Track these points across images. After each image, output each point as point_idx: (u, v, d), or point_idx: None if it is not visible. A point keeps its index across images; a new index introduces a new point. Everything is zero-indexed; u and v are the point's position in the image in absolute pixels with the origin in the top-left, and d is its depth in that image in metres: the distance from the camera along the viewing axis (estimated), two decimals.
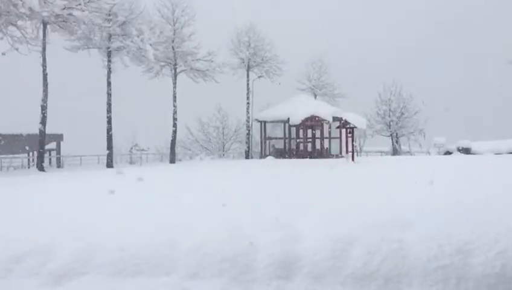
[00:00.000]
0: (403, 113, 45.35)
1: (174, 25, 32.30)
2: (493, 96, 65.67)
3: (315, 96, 44.11)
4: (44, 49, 24.17)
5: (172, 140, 33.49)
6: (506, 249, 4.61)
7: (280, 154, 33.74)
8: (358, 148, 42.89)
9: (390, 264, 4.67)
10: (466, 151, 38.65)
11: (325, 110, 32.93)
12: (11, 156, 29.74)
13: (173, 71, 33.07)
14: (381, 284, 4.55)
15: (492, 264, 4.50)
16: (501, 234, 4.84)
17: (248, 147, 37.87)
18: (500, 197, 7.19)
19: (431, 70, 77.00)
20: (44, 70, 24.47)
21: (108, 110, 28.35)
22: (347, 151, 26.01)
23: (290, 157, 32.03)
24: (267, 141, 36.28)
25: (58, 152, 32.42)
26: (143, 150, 40.91)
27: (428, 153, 43.80)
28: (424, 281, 4.50)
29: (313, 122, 32.23)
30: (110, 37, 27.39)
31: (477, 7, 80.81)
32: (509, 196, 7.39)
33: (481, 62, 75.89)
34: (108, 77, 28.33)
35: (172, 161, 32.97)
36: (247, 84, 37.86)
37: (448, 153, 39.79)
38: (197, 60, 33.26)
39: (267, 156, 33.74)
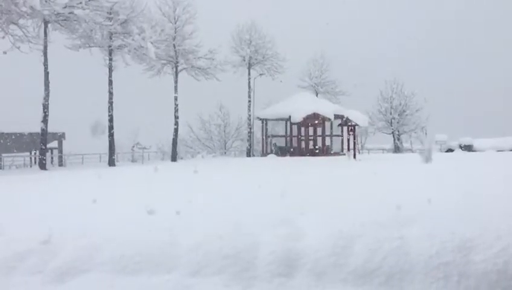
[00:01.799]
0: (404, 111, 45.32)
1: (175, 23, 32.31)
2: (495, 93, 65.56)
3: (316, 94, 44.09)
4: (45, 47, 24.19)
5: (173, 138, 33.53)
6: (508, 246, 4.60)
7: (281, 152, 33.75)
8: (359, 146, 42.88)
9: (392, 261, 4.67)
10: (468, 148, 38.62)
11: (326, 108, 32.90)
12: (13, 154, 29.81)
13: (174, 69, 33.09)
14: (383, 281, 4.55)
15: (494, 261, 4.49)
16: (503, 231, 4.84)
17: (249, 145, 37.88)
18: (502, 194, 7.18)
19: (433, 67, 76.90)
20: (45, 69, 24.49)
21: (110, 109, 28.37)
22: (349, 149, 26.04)
23: (291, 155, 32.04)
24: (269, 139, 36.29)
25: (60, 151, 32.48)
26: (145, 148, 40.96)
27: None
28: (425, 278, 4.51)
29: (314, 120, 32.21)
30: (111, 35, 27.39)
31: (478, 5, 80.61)
32: (511, 193, 7.38)
33: (483, 60, 75.75)
34: (110, 75, 28.35)
35: (174, 159, 33.01)
36: (249, 82, 37.85)
37: (450, 150, 39.77)
38: (198, 58, 33.29)
39: (269, 154, 33.77)
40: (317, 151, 32.14)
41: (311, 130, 33.55)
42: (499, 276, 4.40)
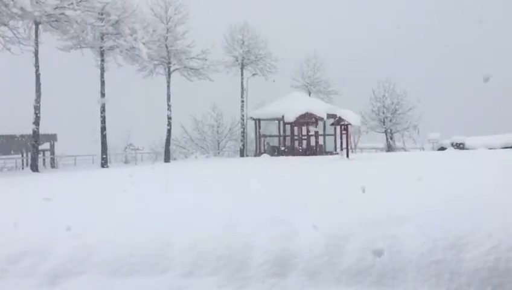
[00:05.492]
0: (396, 110, 45.47)
1: (167, 24, 32.21)
2: (487, 92, 65.97)
3: (309, 93, 44.16)
4: (36, 49, 24.02)
5: (166, 139, 33.44)
6: (499, 244, 4.64)
7: (275, 151, 33.78)
8: (352, 145, 43.00)
9: (384, 259, 4.70)
10: (460, 146, 38.88)
11: (319, 108, 32.97)
12: (5, 157, 29.57)
13: (167, 70, 32.99)
14: (376, 279, 4.58)
15: (486, 259, 4.53)
16: (495, 228, 4.88)
17: (243, 145, 37.86)
18: (494, 192, 7.24)
19: (425, 66, 77.28)
20: (37, 70, 24.32)
21: (102, 110, 28.23)
22: (342, 148, 26.12)
23: (284, 154, 32.09)
24: (262, 139, 36.29)
25: (52, 152, 32.24)
26: (137, 149, 40.81)
27: (423, 149, 44.02)
28: (417, 276, 4.54)
29: (307, 119, 32.26)
30: (102, 36, 27.26)
31: (471, 6, 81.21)
32: (503, 191, 7.45)
33: (475, 59, 76.27)
34: (102, 76, 28.20)
35: (167, 159, 32.92)
36: (242, 82, 37.82)
37: (442, 148, 39.99)
38: (190, 58, 33.22)
39: (262, 153, 33.78)
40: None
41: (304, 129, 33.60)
42: (490, 273, 4.44)
